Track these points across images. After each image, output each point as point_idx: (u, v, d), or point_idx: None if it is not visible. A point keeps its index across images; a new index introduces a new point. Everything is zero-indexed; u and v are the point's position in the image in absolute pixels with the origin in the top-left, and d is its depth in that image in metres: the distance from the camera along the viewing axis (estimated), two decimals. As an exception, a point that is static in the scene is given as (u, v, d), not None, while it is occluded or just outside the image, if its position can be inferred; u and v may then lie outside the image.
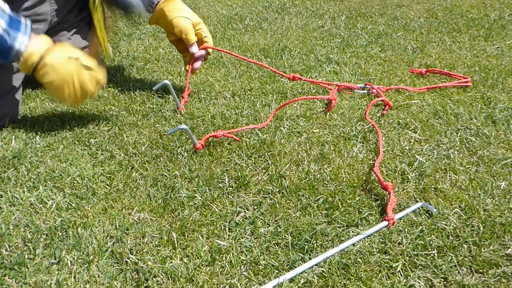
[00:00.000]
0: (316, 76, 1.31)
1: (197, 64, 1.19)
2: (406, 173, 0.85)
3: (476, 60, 1.40)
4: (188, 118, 1.08)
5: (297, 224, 0.73)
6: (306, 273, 0.65)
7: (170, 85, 1.09)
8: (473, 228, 0.72)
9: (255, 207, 0.78)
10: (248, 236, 0.72)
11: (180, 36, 1.13)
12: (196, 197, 0.80)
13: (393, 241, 0.70)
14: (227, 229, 0.73)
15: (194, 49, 1.16)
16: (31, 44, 0.91)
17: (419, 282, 0.63)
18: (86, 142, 0.99)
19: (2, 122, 1.05)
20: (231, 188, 0.83)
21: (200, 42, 1.18)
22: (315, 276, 0.64)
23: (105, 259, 0.67)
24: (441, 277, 0.64)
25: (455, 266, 0.65)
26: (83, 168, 0.89)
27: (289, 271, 0.65)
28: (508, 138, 0.97)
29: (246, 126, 1.01)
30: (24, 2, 1.07)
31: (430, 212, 0.76)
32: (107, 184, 0.85)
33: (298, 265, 0.65)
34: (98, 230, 0.73)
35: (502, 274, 0.64)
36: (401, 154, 0.92)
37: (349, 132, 1.00)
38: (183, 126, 0.89)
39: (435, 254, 0.67)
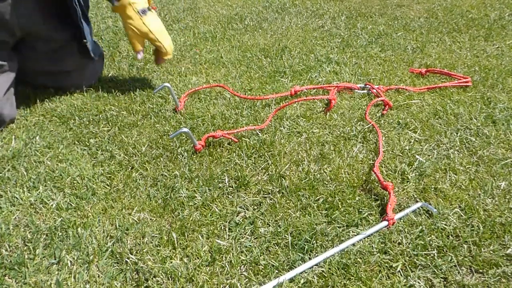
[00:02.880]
0: (316, 76, 1.31)
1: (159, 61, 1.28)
2: (406, 173, 0.85)
3: (476, 60, 1.40)
4: (188, 118, 1.08)
5: (297, 224, 0.73)
6: (306, 273, 0.65)
7: (171, 88, 1.09)
8: (473, 228, 0.72)
9: (255, 207, 0.78)
10: (248, 236, 0.72)
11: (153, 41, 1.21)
12: (196, 197, 0.80)
13: (393, 241, 0.70)
14: (227, 229, 0.73)
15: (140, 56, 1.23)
16: None
17: (419, 282, 0.63)
18: (86, 142, 0.99)
19: (1, 124, 1.05)
20: (231, 188, 0.83)
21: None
22: (315, 276, 0.64)
23: (105, 259, 0.67)
24: (441, 277, 0.64)
25: (455, 266, 0.65)
26: (83, 168, 0.89)
27: (289, 271, 0.65)
28: (508, 138, 0.97)
29: (246, 126, 1.01)
30: None
31: (430, 212, 0.76)
32: (107, 184, 0.85)
33: (298, 265, 0.65)
34: (98, 230, 0.73)
35: (502, 274, 0.64)
36: (401, 154, 0.92)
37: (349, 132, 1.00)
38: (185, 130, 0.89)
39: (435, 254, 0.67)
